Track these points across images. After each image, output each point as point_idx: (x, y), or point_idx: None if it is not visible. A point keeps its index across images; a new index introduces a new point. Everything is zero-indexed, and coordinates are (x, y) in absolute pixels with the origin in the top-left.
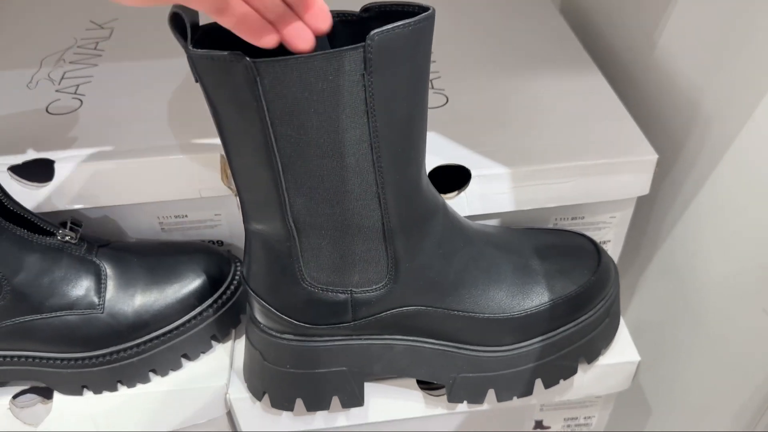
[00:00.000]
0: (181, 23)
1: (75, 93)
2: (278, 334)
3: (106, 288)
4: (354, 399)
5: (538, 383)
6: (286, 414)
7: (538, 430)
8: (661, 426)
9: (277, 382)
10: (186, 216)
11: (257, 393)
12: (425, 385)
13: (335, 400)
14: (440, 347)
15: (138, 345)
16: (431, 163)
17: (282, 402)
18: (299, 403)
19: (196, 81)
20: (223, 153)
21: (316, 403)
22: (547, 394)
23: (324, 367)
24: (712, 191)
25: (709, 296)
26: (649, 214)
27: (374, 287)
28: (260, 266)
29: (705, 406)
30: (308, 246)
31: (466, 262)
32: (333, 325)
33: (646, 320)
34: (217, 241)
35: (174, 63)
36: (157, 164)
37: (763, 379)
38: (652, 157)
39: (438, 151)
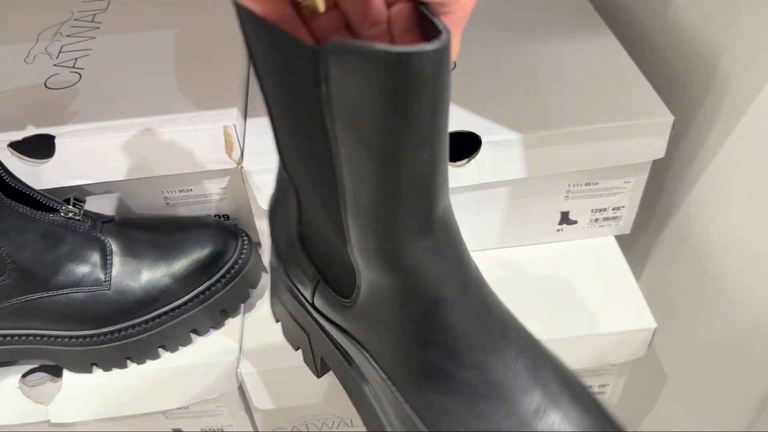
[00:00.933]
0: None
1: (73, 67)
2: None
3: (112, 264)
4: None
5: None
6: (298, 388)
7: None
8: (675, 393)
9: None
10: (191, 190)
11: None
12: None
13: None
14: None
15: (146, 321)
16: None
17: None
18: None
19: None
20: (227, 124)
21: None
22: None
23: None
24: (730, 154)
25: (726, 263)
26: (664, 178)
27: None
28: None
29: (720, 373)
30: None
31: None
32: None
33: (660, 286)
34: (224, 215)
35: (173, 33)
36: (160, 137)
37: None
38: (668, 118)
39: None
